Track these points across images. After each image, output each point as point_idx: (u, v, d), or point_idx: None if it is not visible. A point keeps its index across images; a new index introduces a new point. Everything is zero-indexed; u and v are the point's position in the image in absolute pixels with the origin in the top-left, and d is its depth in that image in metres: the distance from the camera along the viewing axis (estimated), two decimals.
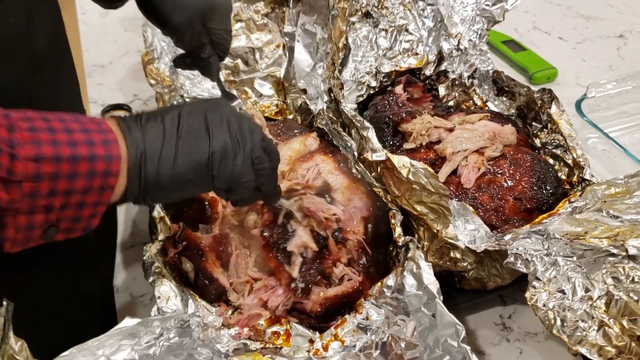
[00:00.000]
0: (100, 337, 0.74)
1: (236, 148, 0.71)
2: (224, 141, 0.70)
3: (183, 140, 0.68)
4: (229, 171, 0.71)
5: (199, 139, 0.69)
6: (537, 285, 0.77)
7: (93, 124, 0.64)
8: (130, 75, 1.53)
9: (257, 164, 0.74)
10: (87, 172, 0.61)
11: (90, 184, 0.62)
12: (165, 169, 0.67)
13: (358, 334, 0.83)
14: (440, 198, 0.90)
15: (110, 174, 0.63)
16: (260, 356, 0.79)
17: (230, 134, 0.71)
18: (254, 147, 0.73)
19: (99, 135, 0.63)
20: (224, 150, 0.70)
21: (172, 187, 0.69)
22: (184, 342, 0.80)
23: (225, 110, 0.73)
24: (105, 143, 0.63)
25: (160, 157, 0.67)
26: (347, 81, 1.23)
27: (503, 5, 1.29)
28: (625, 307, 0.71)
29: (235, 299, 0.88)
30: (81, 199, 0.62)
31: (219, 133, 0.70)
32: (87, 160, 0.61)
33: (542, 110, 1.17)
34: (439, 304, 0.78)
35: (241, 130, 0.72)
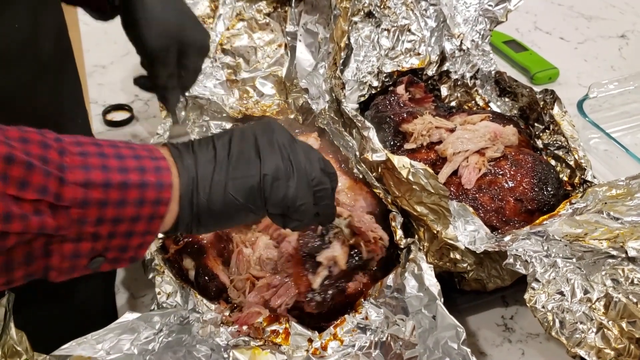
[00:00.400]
0: (100, 331, 0.75)
1: (289, 170, 0.69)
2: (276, 164, 0.68)
3: (234, 164, 0.67)
4: (282, 194, 0.68)
5: (250, 163, 0.67)
6: (536, 287, 0.77)
7: (145, 151, 0.63)
8: (131, 76, 1.50)
9: (315, 185, 0.72)
10: (136, 199, 0.59)
11: (139, 212, 0.60)
12: (217, 195, 0.65)
13: (357, 334, 0.83)
14: (440, 199, 0.90)
15: (160, 202, 0.61)
16: (260, 350, 0.79)
17: (282, 156, 0.69)
18: (309, 169, 0.71)
19: (152, 162, 0.62)
20: (276, 173, 0.68)
21: (224, 213, 0.67)
22: (183, 339, 0.80)
23: (278, 133, 0.71)
24: (157, 170, 0.61)
25: (212, 183, 0.65)
26: (349, 81, 1.22)
27: (506, 5, 1.29)
28: (624, 310, 0.71)
29: (235, 296, 0.88)
30: (130, 227, 0.60)
31: (270, 155, 0.68)
32: (138, 187, 0.59)
33: (544, 111, 1.16)
34: (439, 305, 0.78)
35: (294, 152, 0.70)
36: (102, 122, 1.38)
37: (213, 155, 0.66)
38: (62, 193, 0.55)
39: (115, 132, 1.36)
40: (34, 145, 0.55)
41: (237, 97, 1.28)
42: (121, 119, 1.38)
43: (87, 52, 1.54)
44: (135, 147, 0.63)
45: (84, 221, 0.57)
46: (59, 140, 0.58)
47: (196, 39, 0.98)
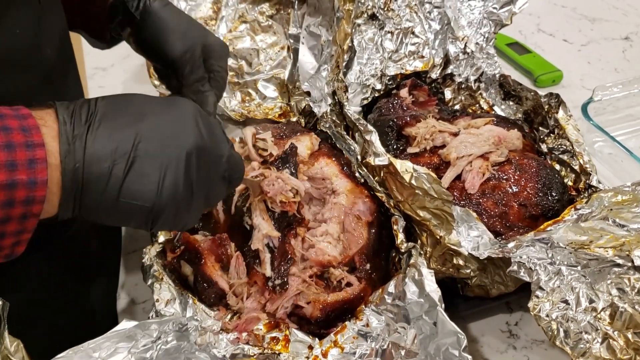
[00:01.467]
0: (97, 339, 0.74)
1: (187, 199, 0.63)
2: (172, 192, 0.61)
3: (130, 177, 0.60)
4: (169, 225, 0.65)
5: (146, 185, 0.60)
6: (541, 295, 0.76)
7: (22, 135, 0.55)
8: (131, 78, 1.53)
9: (210, 204, 0.70)
10: (4, 201, 0.54)
11: (8, 213, 0.55)
12: (104, 207, 0.60)
13: (358, 341, 0.82)
14: (443, 204, 0.89)
15: (33, 201, 0.55)
16: None
17: (185, 181, 0.62)
18: (211, 194, 0.68)
19: (26, 152, 0.55)
20: (170, 203, 0.62)
21: (108, 220, 0.62)
22: (181, 346, 0.79)
23: (190, 140, 0.63)
24: (30, 164, 0.55)
25: (102, 195, 0.59)
26: (352, 84, 1.21)
27: (511, 8, 1.28)
28: (630, 320, 0.70)
29: (234, 302, 0.87)
30: (0, 229, 0.55)
31: (171, 178, 0.61)
32: (6, 189, 0.53)
33: (549, 115, 1.15)
34: (440, 312, 0.77)
35: (202, 171, 0.64)
36: None
37: (112, 150, 0.59)
38: None
39: None
40: None
41: (239, 99, 1.27)
42: None
43: (88, 55, 1.53)
44: (10, 127, 0.55)
45: None
46: None
47: (216, 41, 0.95)
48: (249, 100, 1.27)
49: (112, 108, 0.62)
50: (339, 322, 0.85)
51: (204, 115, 0.67)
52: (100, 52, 1.57)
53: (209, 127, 0.66)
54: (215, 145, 0.66)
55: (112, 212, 0.61)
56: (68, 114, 0.60)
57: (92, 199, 0.59)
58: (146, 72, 1.20)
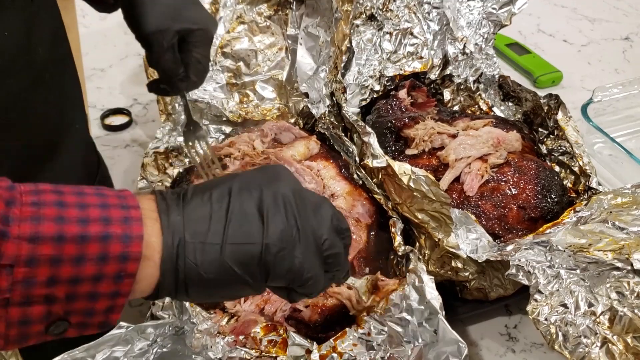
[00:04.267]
0: (92, 343, 0.73)
1: (295, 235, 0.58)
2: (281, 229, 0.57)
3: (233, 225, 0.56)
4: (286, 267, 0.58)
5: (251, 225, 0.57)
6: (539, 299, 0.75)
7: (117, 198, 0.53)
8: (130, 79, 1.52)
9: (326, 249, 0.61)
10: (97, 255, 0.50)
11: (102, 269, 0.50)
12: (211, 261, 0.55)
13: (358, 349, 0.81)
14: (441, 206, 0.88)
15: (128, 258, 0.51)
16: None
17: (288, 217, 0.58)
18: (319, 230, 0.60)
19: (121, 211, 0.52)
20: (281, 241, 0.57)
21: (217, 283, 0.56)
22: (178, 349, 0.79)
23: (284, 185, 0.60)
24: (125, 221, 0.52)
25: (204, 246, 0.55)
26: (351, 85, 1.21)
27: (510, 8, 1.27)
28: (629, 324, 0.69)
29: (231, 305, 0.87)
30: (92, 288, 0.51)
31: (274, 217, 0.57)
32: (99, 240, 0.50)
33: (548, 116, 1.15)
34: (441, 319, 0.76)
35: (302, 210, 0.59)
36: (101, 127, 1.37)
37: (208, 212, 0.56)
38: (2, 249, 0.47)
39: (113, 136, 1.35)
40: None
41: (237, 100, 1.26)
42: (120, 124, 1.37)
43: (86, 55, 1.53)
44: (106, 195, 0.53)
45: (32, 282, 0.48)
46: (12, 188, 0.50)
47: (196, 22, 0.93)
48: (247, 102, 1.27)
49: (200, 185, 0.60)
50: (337, 326, 0.85)
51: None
52: (99, 53, 1.58)
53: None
54: (308, 191, 0.63)
55: (218, 266, 0.55)
56: (163, 195, 0.58)
57: (195, 257, 0.55)
58: (144, 72, 1.19)
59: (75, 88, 0.97)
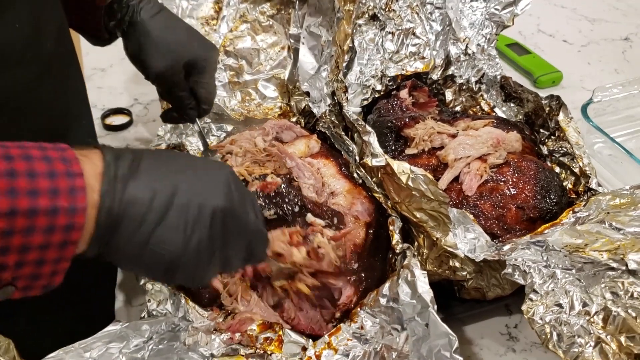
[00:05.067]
0: (88, 339, 0.74)
1: (210, 255, 0.65)
2: (198, 246, 0.63)
3: (162, 227, 0.61)
4: (187, 280, 0.66)
5: (177, 232, 0.62)
6: (534, 298, 0.75)
7: (63, 164, 0.56)
8: (130, 79, 1.53)
9: (229, 270, 0.73)
10: (46, 226, 0.54)
11: (49, 239, 0.55)
12: (132, 249, 0.60)
13: (352, 343, 0.82)
14: (439, 205, 0.88)
15: (73, 228, 0.56)
16: (243, 358, 0.78)
17: (211, 238, 0.64)
18: (233, 257, 0.69)
19: (66, 181, 0.55)
20: (195, 256, 0.63)
21: (128, 267, 0.65)
22: (174, 346, 0.79)
23: (223, 203, 0.65)
24: (70, 192, 0.55)
25: (130, 234, 0.60)
26: (352, 84, 1.21)
27: (513, 9, 1.27)
28: (623, 324, 0.69)
29: (228, 302, 0.87)
30: (40, 255, 0.55)
31: (199, 233, 0.63)
32: (47, 214, 0.54)
33: (549, 117, 1.14)
34: (432, 313, 0.76)
35: (230, 233, 0.66)
36: (101, 127, 1.38)
37: (149, 199, 0.60)
38: None
39: (114, 136, 1.36)
40: None
41: (239, 99, 1.27)
42: (120, 123, 1.38)
43: (86, 55, 1.53)
44: (51, 158, 0.56)
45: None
46: None
47: (200, 53, 0.98)
48: (249, 100, 1.27)
49: (155, 160, 0.64)
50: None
51: (239, 183, 0.69)
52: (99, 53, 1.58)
53: (241, 195, 0.68)
54: (243, 213, 0.68)
55: (137, 257, 0.61)
56: (113, 157, 0.60)
57: (122, 240, 0.60)
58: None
59: (80, 83, 0.98)
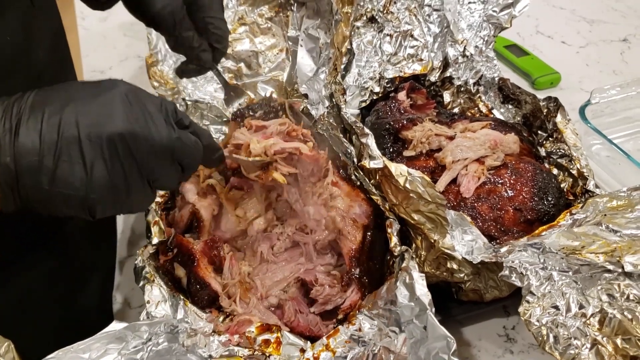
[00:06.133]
0: (87, 340, 0.74)
1: (120, 185, 0.63)
2: (103, 180, 0.61)
3: (62, 161, 0.60)
4: (106, 212, 0.64)
5: (76, 171, 0.60)
6: (531, 300, 0.75)
7: None
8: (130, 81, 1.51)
9: (157, 187, 0.68)
10: None
11: None
12: (40, 196, 0.60)
13: (350, 345, 0.82)
14: (437, 207, 0.89)
15: None
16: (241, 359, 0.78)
17: (114, 168, 0.61)
18: (150, 173, 0.65)
19: None
20: (103, 190, 0.62)
21: (49, 210, 0.62)
22: (173, 348, 0.79)
23: (118, 124, 0.62)
24: None
25: (35, 183, 0.59)
26: (350, 86, 1.21)
27: (511, 11, 1.27)
28: (619, 326, 0.69)
29: (227, 304, 0.87)
30: None
31: (100, 166, 0.61)
32: None
33: (547, 119, 1.15)
34: (430, 316, 0.76)
35: (137, 154, 0.63)
36: None
37: (38, 141, 0.59)
38: None
39: None
40: None
41: None
42: None
43: (86, 57, 1.53)
44: None
45: None
46: None
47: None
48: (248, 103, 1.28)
49: (40, 98, 0.62)
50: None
51: (139, 97, 0.66)
52: (98, 55, 1.59)
53: (143, 111, 0.64)
54: (150, 129, 0.64)
55: (49, 202, 0.61)
56: (1, 109, 0.60)
57: (27, 191, 0.60)
58: (144, 74, 1.20)
59: None
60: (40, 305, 0.91)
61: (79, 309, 0.99)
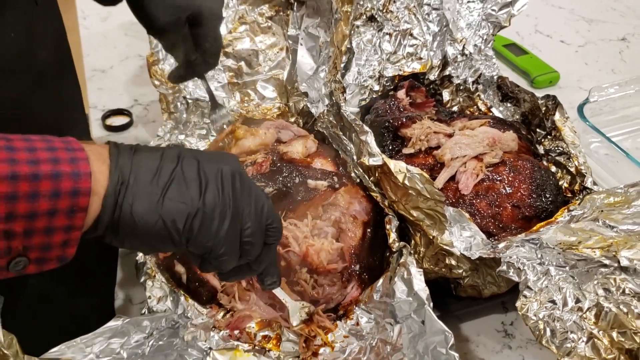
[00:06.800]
0: (89, 334, 0.75)
1: (225, 210, 0.63)
2: (215, 201, 0.63)
3: (175, 183, 0.61)
4: (208, 236, 0.63)
5: (190, 189, 0.62)
6: (528, 295, 0.76)
7: (62, 143, 0.57)
8: (130, 80, 1.53)
9: (246, 236, 0.66)
10: (50, 191, 0.54)
11: (56, 205, 0.55)
12: (145, 207, 0.60)
13: (348, 340, 0.83)
14: (436, 204, 0.89)
15: (79, 192, 0.55)
16: (242, 352, 0.78)
17: (224, 193, 0.63)
18: (247, 216, 0.66)
19: (67, 153, 0.56)
20: (212, 211, 0.62)
21: (145, 230, 0.61)
22: (174, 343, 0.80)
23: (228, 165, 0.65)
24: (72, 161, 0.56)
25: (144, 192, 0.60)
26: (350, 85, 1.22)
27: (509, 10, 1.28)
28: (614, 320, 0.70)
29: (226, 301, 0.88)
30: (48, 222, 0.55)
31: (212, 188, 0.63)
32: (50, 178, 0.54)
33: (546, 117, 1.15)
34: (428, 310, 0.77)
35: (239, 193, 0.65)
36: (102, 127, 1.38)
37: (156, 165, 0.61)
38: None
39: (114, 136, 1.36)
40: None
41: (238, 99, 1.28)
42: (120, 124, 1.38)
43: (87, 56, 1.54)
44: (51, 140, 0.57)
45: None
46: None
47: (204, 6, 0.96)
48: (248, 101, 1.28)
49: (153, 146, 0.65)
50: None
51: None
52: (99, 55, 1.59)
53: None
54: (249, 179, 0.68)
55: (151, 217, 0.60)
56: (116, 144, 0.63)
57: (131, 200, 0.59)
58: (145, 73, 1.21)
59: (75, 90, 0.98)
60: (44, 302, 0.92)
61: (82, 305, 0.99)
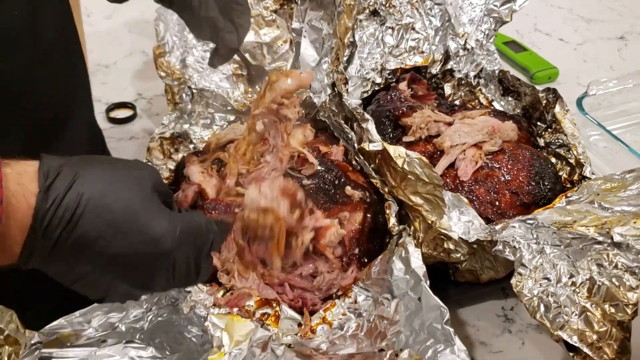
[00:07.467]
0: (87, 308, 0.76)
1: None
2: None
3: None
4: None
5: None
6: (523, 272, 0.77)
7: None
8: (134, 75, 1.55)
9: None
10: None
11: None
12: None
13: (347, 317, 0.84)
14: (434, 188, 0.90)
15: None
16: (239, 317, 0.79)
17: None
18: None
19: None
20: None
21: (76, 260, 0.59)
22: (174, 319, 0.81)
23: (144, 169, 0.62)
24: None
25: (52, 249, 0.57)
26: (353, 77, 1.24)
27: (511, 5, 1.29)
28: (607, 293, 0.71)
29: (226, 280, 0.89)
30: None
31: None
32: None
33: (546, 110, 1.16)
34: (424, 287, 0.78)
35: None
36: (106, 120, 1.40)
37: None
38: None
39: (118, 128, 1.38)
40: None
41: (242, 90, 1.30)
42: (124, 117, 1.40)
43: (91, 53, 1.55)
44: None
45: None
46: None
47: None
48: (252, 92, 1.30)
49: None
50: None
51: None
52: (103, 51, 1.61)
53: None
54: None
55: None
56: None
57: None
58: (149, 69, 1.22)
59: (82, 71, 1.00)
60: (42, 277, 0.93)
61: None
